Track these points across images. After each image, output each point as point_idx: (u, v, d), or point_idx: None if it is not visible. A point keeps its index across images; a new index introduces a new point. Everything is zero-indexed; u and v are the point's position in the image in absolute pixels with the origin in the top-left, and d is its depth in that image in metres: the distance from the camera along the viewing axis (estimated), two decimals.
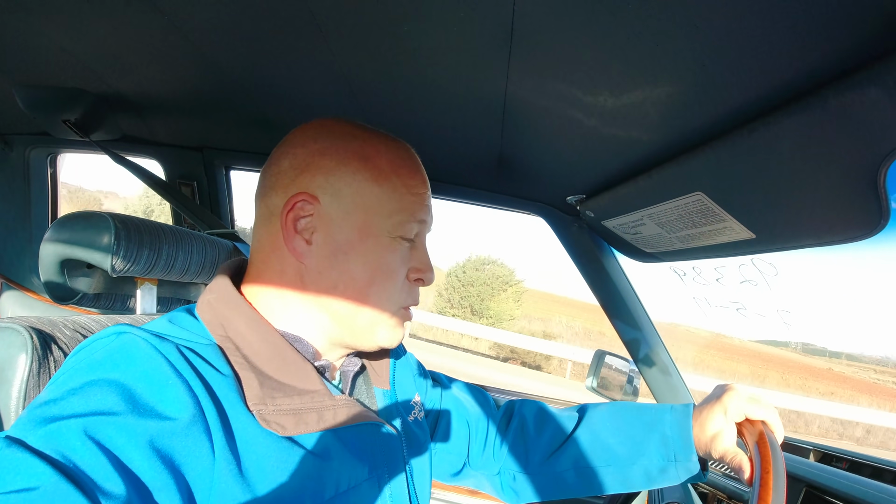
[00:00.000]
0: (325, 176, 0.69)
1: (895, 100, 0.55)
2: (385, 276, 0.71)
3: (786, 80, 0.64)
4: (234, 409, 0.59)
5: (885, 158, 0.62)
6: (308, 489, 0.61)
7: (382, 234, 0.70)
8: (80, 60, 1.07)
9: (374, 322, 0.72)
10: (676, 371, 1.72)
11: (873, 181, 0.66)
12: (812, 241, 0.88)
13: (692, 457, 0.83)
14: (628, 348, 1.76)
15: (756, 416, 0.79)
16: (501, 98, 0.91)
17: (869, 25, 0.52)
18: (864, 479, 1.04)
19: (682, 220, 1.07)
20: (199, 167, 1.71)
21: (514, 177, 1.42)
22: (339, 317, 0.71)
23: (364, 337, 0.73)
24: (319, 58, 0.90)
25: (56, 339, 0.75)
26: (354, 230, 0.69)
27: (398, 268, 0.72)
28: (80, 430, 0.48)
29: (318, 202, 0.68)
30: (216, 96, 1.22)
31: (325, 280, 0.69)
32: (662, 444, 0.85)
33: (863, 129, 0.60)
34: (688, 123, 0.82)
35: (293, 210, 0.68)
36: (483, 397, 1.06)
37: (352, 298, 0.70)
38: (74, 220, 0.91)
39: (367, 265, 0.70)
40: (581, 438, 0.93)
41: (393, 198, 0.70)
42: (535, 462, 0.96)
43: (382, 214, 0.70)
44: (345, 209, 0.69)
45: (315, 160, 0.69)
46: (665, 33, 0.62)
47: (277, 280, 0.70)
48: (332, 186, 0.68)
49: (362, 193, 0.69)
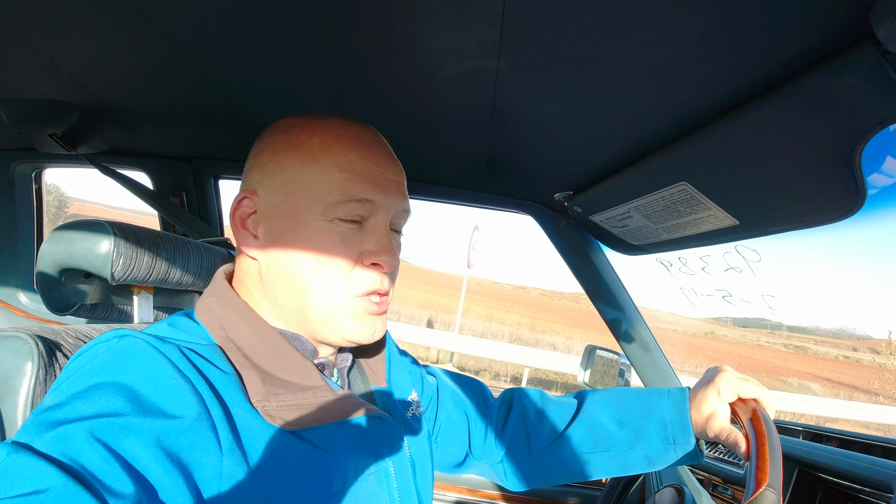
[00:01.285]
0: (261, 170, 0.70)
1: (867, 84, 0.58)
2: (326, 262, 0.68)
3: (764, 69, 0.67)
4: (238, 405, 0.60)
5: (859, 140, 0.65)
6: (316, 483, 0.62)
7: (315, 217, 0.68)
8: (67, 73, 1.07)
9: (330, 313, 0.69)
10: (666, 362, 1.75)
11: (849, 162, 0.69)
12: (794, 225, 0.91)
13: (690, 439, 0.85)
14: (619, 341, 1.79)
15: (748, 395, 0.82)
16: (490, 98, 0.93)
17: (841, 13, 0.55)
18: (855, 454, 1.07)
19: (668, 211, 1.10)
20: (187, 177, 1.70)
21: (503, 176, 1.44)
22: (294, 310, 0.70)
23: (326, 331, 0.71)
24: (310, 63, 0.91)
25: (61, 346, 0.76)
26: (287, 217, 0.68)
27: (341, 252, 0.68)
28: (87, 432, 0.48)
29: (257, 196, 0.70)
30: (204, 105, 1.22)
31: (273, 272, 0.70)
32: (661, 427, 0.87)
33: (838, 114, 0.63)
34: (671, 115, 0.85)
35: (239, 208, 0.70)
36: (478, 388, 1.08)
37: (298, 289, 0.68)
38: (73, 229, 0.92)
39: (304, 250, 0.68)
40: (582, 425, 0.95)
41: (322, 179, 0.68)
42: (537, 449, 0.97)
43: (313, 197, 0.68)
44: (279, 198, 0.69)
45: (256, 157, 0.72)
46: (648, 28, 0.65)
47: (247, 279, 0.73)
48: (267, 178, 0.70)
49: (291, 179, 0.68)
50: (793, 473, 1.16)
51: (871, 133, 0.63)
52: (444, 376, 1.07)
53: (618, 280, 1.71)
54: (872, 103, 0.59)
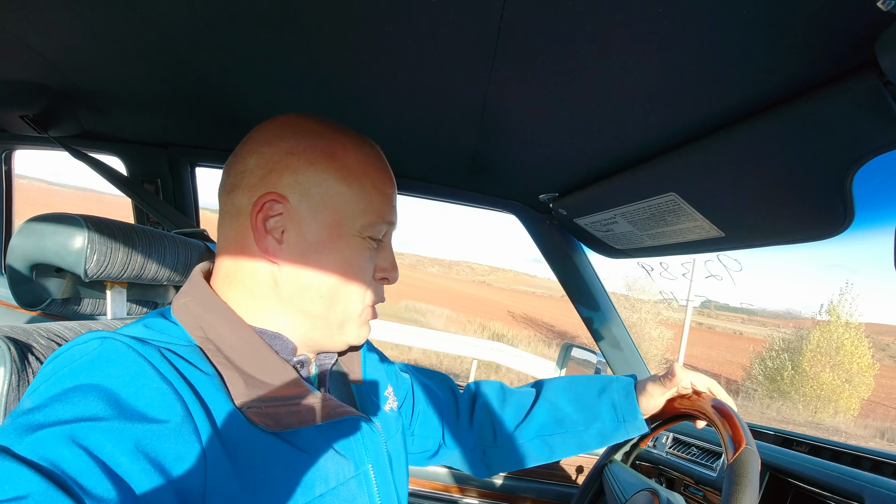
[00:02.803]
0: (293, 175, 0.68)
1: (864, 111, 0.58)
2: (355, 274, 0.71)
3: (763, 88, 0.67)
4: (220, 408, 0.59)
5: (853, 165, 0.66)
6: (299, 485, 0.62)
7: (353, 233, 0.70)
8: (41, 55, 1.03)
9: (345, 320, 0.73)
10: (641, 360, 1.78)
11: (840, 186, 0.70)
12: (779, 240, 0.93)
13: (638, 415, 0.96)
14: (596, 340, 1.81)
15: (700, 386, 0.95)
16: (481, 100, 0.92)
17: (845, 40, 0.55)
18: (826, 462, 1.10)
19: (655, 219, 1.11)
20: (163, 164, 1.66)
21: (489, 175, 1.43)
22: (311, 315, 0.71)
23: (335, 336, 0.74)
24: (297, 54, 0.89)
25: (32, 348, 0.72)
26: (325, 229, 0.69)
27: (367, 267, 0.73)
28: (67, 436, 0.47)
29: (287, 202, 0.68)
30: (183, 92, 1.19)
31: (299, 279, 0.69)
32: (612, 407, 0.98)
33: (834, 138, 0.64)
34: (665, 126, 0.85)
35: (262, 210, 0.68)
36: (446, 381, 1.12)
37: (325, 297, 0.70)
38: (44, 223, 0.88)
39: (339, 264, 0.70)
40: (542, 409, 1.03)
41: (362, 198, 0.71)
42: (501, 436, 1.03)
43: (352, 214, 0.70)
44: (315, 208, 0.68)
45: (283, 159, 0.68)
46: (646, 44, 0.64)
47: (249, 280, 0.70)
48: (301, 186, 0.68)
49: (332, 193, 0.69)
50: (764, 478, 1.19)
51: (865, 159, 0.64)
52: (414, 371, 1.09)
53: (597, 280, 1.73)
54: (870, 131, 0.60)
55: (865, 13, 0.51)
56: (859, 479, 0.98)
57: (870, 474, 1.01)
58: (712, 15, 0.57)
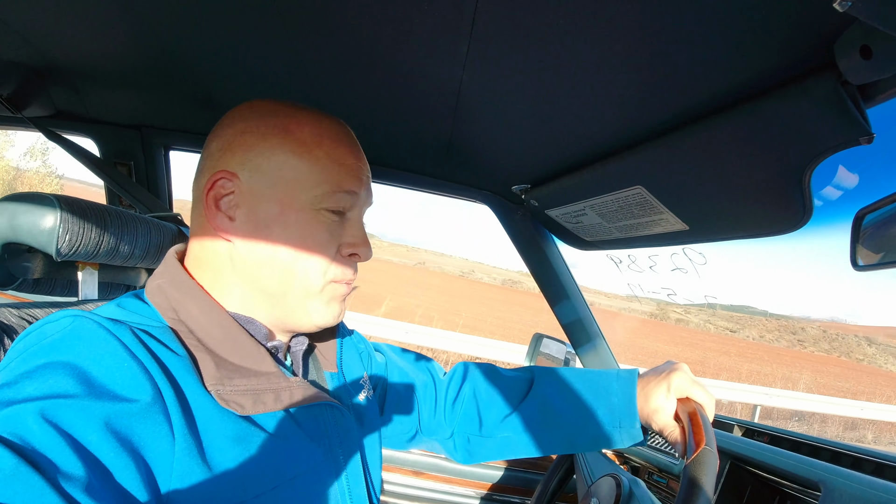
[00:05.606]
0: (244, 152, 0.69)
1: (823, 110, 0.61)
2: (311, 249, 0.70)
3: (726, 86, 0.69)
4: (191, 389, 0.59)
5: (811, 162, 0.68)
6: (268, 469, 0.62)
7: (305, 206, 0.69)
8: (16, 32, 1.00)
9: (306, 298, 0.71)
10: (609, 352, 1.81)
11: (799, 182, 0.72)
12: (741, 234, 0.95)
13: (636, 424, 0.87)
14: (566, 331, 1.83)
15: (696, 399, 0.85)
16: (456, 87, 0.93)
17: (805, 41, 0.57)
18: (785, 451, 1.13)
19: (622, 212, 1.13)
20: (136, 146, 1.62)
21: (462, 164, 1.44)
22: (270, 293, 0.70)
23: (299, 316, 0.72)
24: (272, 36, 0.88)
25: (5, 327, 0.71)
26: (276, 203, 0.68)
27: (326, 241, 0.71)
28: (37, 412, 0.47)
29: (237, 178, 0.68)
30: (158, 71, 1.16)
31: (253, 257, 0.69)
32: (609, 411, 0.90)
33: (793, 136, 0.66)
34: (632, 121, 0.86)
35: (213, 188, 0.68)
36: (428, 365, 1.09)
37: (279, 274, 0.69)
38: (17, 202, 0.86)
39: (292, 238, 0.69)
40: (533, 404, 0.97)
41: (314, 169, 0.69)
42: (488, 426, 0.99)
43: (304, 186, 0.69)
44: (266, 183, 0.68)
45: (237, 138, 0.69)
46: (617, 38, 0.66)
47: (213, 260, 0.71)
48: (252, 162, 0.68)
49: (282, 166, 0.68)
50: (725, 466, 1.23)
51: (822, 156, 0.66)
52: (392, 353, 1.07)
53: (568, 272, 1.75)
54: (827, 129, 0.62)
55: (825, 15, 0.52)
56: (817, 469, 1.01)
57: (828, 464, 1.03)
58: (678, 15, 0.58)
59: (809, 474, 1.01)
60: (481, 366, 1.08)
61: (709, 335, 59.92)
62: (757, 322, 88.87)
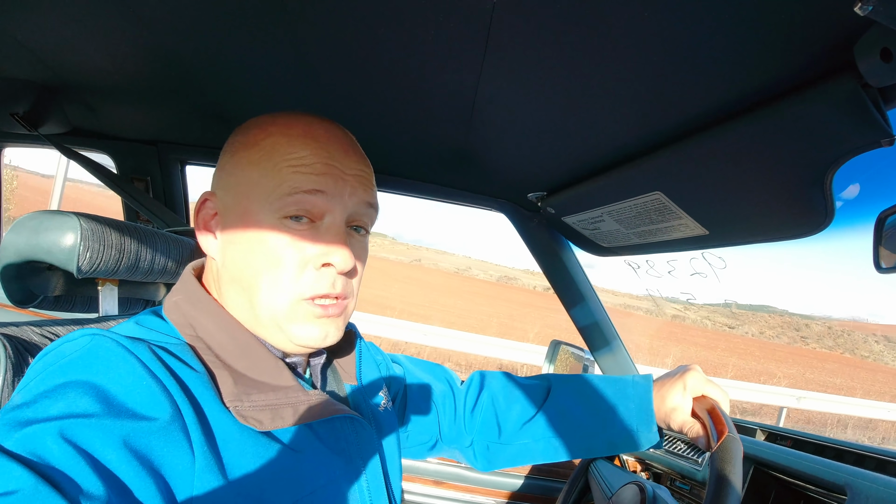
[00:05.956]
0: (220, 171, 0.70)
1: (843, 113, 0.60)
2: (274, 262, 0.64)
3: (745, 90, 0.69)
4: (210, 406, 0.59)
5: (832, 165, 0.68)
6: (288, 484, 0.62)
7: (265, 216, 0.65)
8: (31, 51, 1.02)
9: (276, 317, 0.66)
10: (629, 359, 1.80)
11: (820, 184, 0.72)
12: (761, 238, 0.95)
13: (653, 427, 0.88)
14: (584, 338, 1.83)
15: (712, 396, 0.86)
16: (471, 97, 0.93)
17: (825, 44, 0.57)
18: (809, 455, 1.12)
19: (641, 218, 1.13)
20: (153, 162, 1.65)
21: (477, 173, 1.44)
22: (246, 311, 0.67)
23: (275, 334, 0.67)
24: (284, 49, 0.89)
25: (28, 345, 0.73)
26: (239, 219, 0.66)
27: (290, 252, 0.64)
28: (56, 432, 0.47)
29: (215, 197, 0.69)
30: (170, 87, 1.18)
31: (227, 273, 0.68)
32: (626, 415, 0.91)
33: (813, 139, 0.66)
34: (651, 127, 0.86)
35: (202, 210, 0.70)
36: (445, 374, 1.09)
37: (247, 290, 0.66)
38: (38, 220, 0.87)
39: (253, 252, 0.65)
40: (551, 411, 0.98)
41: (269, 175, 0.64)
42: (507, 433, 1.00)
43: (261, 196, 0.65)
44: (232, 199, 0.68)
45: (220, 159, 0.71)
46: (632, 44, 0.66)
47: (210, 279, 0.72)
48: (223, 180, 0.69)
49: (242, 179, 0.67)
50: (748, 471, 1.21)
51: (843, 159, 0.65)
52: (410, 364, 1.07)
53: (585, 278, 1.74)
54: (848, 131, 0.62)
55: (844, 18, 0.52)
56: (842, 472, 0.99)
57: (853, 467, 1.02)
58: (697, 19, 0.58)
59: (835, 478, 1.00)
60: (498, 374, 1.09)
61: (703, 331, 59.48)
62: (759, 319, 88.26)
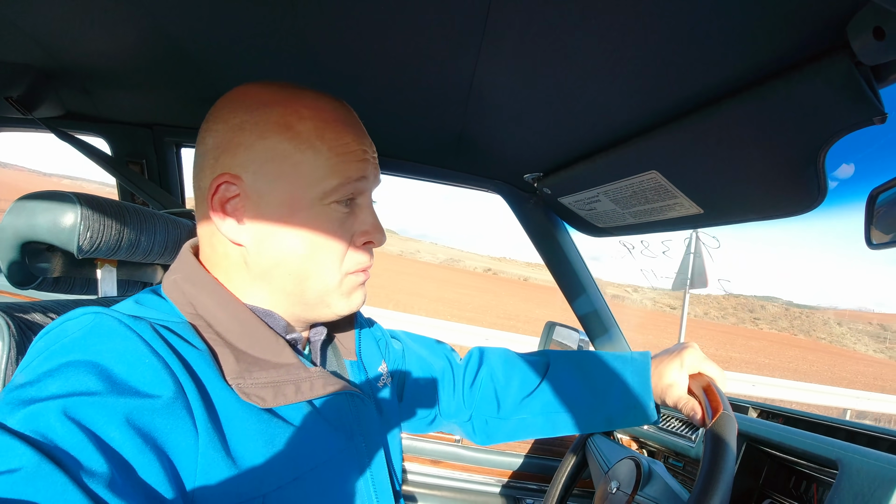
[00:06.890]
0: (245, 152, 0.65)
1: (837, 91, 0.61)
2: (324, 246, 0.68)
3: (740, 69, 0.70)
4: (212, 383, 0.60)
5: (825, 143, 0.69)
6: (290, 460, 0.63)
7: (314, 203, 0.66)
8: (26, 33, 1.01)
9: (324, 293, 0.70)
10: (623, 339, 1.82)
11: (814, 162, 0.73)
12: (755, 216, 0.96)
13: (650, 404, 0.90)
14: (579, 318, 1.85)
15: (708, 373, 0.88)
16: (469, 79, 0.93)
17: (819, 23, 0.57)
18: (802, 431, 1.13)
19: (637, 197, 1.14)
20: (148, 145, 1.64)
21: (474, 155, 1.45)
22: (289, 294, 0.69)
23: (319, 309, 0.71)
24: (282, 33, 0.89)
25: (30, 323, 0.73)
26: (283, 204, 0.66)
27: (339, 235, 0.68)
28: (59, 410, 0.47)
29: (241, 181, 0.66)
30: (166, 70, 1.17)
31: (266, 259, 0.67)
32: (624, 391, 0.92)
33: (807, 117, 0.67)
34: (647, 106, 0.87)
35: (217, 193, 0.66)
36: (444, 349, 1.10)
37: (295, 273, 0.68)
38: (37, 200, 0.87)
39: (303, 238, 0.67)
40: (549, 387, 0.99)
41: (318, 163, 0.66)
42: (506, 408, 1.01)
43: (310, 183, 0.66)
44: (270, 184, 0.66)
45: (235, 137, 0.66)
46: (629, 24, 0.66)
47: (224, 262, 0.70)
48: (254, 162, 0.65)
49: (285, 165, 0.65)
50: (741, 447, 1.23)
51: (836, 137, 0.66)
52: (409, 340, 1.08)
53: (581, 259, 1.75)
54: (841, 109, 0.63)
55: None
56: (834, 447, 1.01)
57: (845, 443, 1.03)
58: None
59: (827, 452, 1.02)
60: (498, 350, 1.10)
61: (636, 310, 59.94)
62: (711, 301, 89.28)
